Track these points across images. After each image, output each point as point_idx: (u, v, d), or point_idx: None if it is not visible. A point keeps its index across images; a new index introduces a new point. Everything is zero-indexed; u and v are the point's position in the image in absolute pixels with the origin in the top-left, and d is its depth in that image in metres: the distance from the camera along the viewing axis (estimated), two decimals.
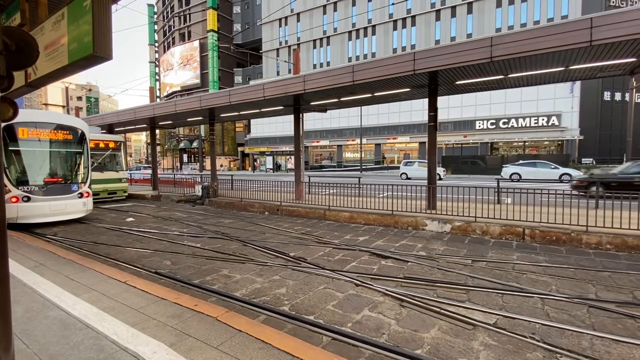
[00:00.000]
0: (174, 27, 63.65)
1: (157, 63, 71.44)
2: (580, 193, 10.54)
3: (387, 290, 4.41)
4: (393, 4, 40.39)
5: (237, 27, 59.44)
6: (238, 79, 58.85)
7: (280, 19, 50.34)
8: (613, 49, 6.88)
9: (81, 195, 9.83)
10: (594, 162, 30.43)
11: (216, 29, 55.21)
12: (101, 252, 6.58)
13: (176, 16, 62.96)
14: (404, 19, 41.80)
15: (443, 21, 39.65)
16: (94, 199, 13.64)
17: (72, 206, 9.62)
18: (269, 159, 47.60)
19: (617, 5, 33.45)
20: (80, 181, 9.95)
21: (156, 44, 72.63)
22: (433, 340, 3.25)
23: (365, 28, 44.28)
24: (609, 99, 35.54)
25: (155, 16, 71.06)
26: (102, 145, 14.90)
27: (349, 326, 3.54)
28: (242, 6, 59.34)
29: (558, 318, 3.68)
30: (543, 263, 5.64)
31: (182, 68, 59.59)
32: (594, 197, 8.41)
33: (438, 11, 39.77)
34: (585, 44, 6.47)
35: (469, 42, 7.78)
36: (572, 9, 33.22)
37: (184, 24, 61.79)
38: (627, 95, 33.25)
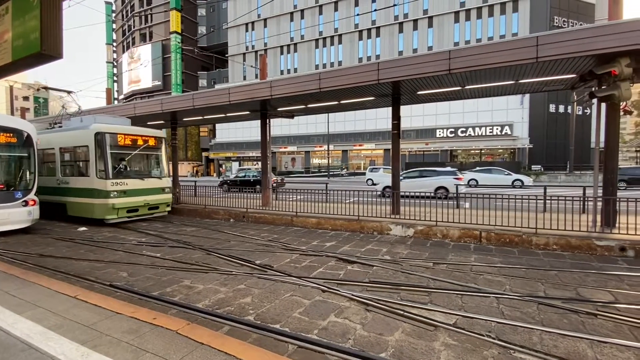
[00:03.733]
0: (134, 27, 60.94)
1: (115, 63, 67.99)
2: (220, 188, 16.54)
3: (353, 295, 4.46)
4: (358, 14, 41.53)
5: (202, 29, 58.08)
6: (203, 82, 57.41)
7: (247, 24, 49.93)
8: (556, 65, 7.52)
9: (26, 204, 9.04)
10: (542, 169, 32.91)
11: (180, 31, 53.57)
12: (48, 265, 6.07)
13: (136, 16, 60.40)
14: (369, 30, 43.06)
15: (406, 33, 41.33)
16: (130, 216, 10.77)
17: (15, 215, 8.80)
18: (235, 165, 46.68)
19: (560, 25, 36.69)
20: (25, 188, 9.15)
21: (114, 44, 69.15)
22: (397, 342, 3.32)
23: (332, 37, 45.07)
24: (554, 110, 38.71)
25: (114, 15, 67.73)
26: (140, 142, 11.07)
27: (315, 333, 3.52)
28: (207, 9, 58.18)
29: (511, 316, 3.90)
30: (498, 264, 5.98)
31: (142, 69, 57.06)
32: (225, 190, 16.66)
33: (401, 24, 41.42)
34: (532, 60, 7.03)
35: (429, 54, 8.17)
36: (522, 28, 35.98)
37: (145, 24, 59.42)
38: (569, 108, 36.43)
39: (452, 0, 38.57)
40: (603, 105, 7.54)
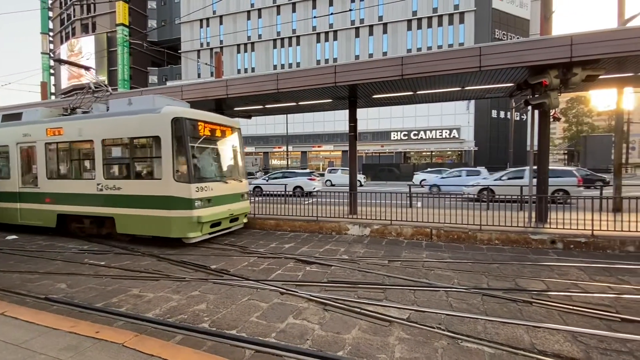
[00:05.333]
0: (74, 16, 56.04)
1: (52, 55, 62.03)
2: None
3: (311, 295, 4.48)
4: (315, 17, 41.90)
5: (152, 23, 54.97)
6: (153, 78, 54.42)
7: (201, 20, 48.17)
8: (497, 74, 8.17)
9: None
10: (486, 170, 35.50)
11: (127, 23, 50.25)
12: None
13: (77, 4, 55.62)
14: (326, 33, 43.61)
15: (362, 38, 42.46)
16: (212, 232, 8.00)
17: None
18: None
19: (500, 38, 39.88)
20: None
21: (51, 33, 63.07)
22: (354, 340, 3.39)
23: (290, 38, 44.99)
24: (496, 116, 41.98)
25: (50, 1, 61.81)
26: (218, 132, 8.32)
27: (273, 336, 3.48)
28: (158, 2, 55.21)
29: (459, 307, 4.16)
30: (447, 259, 6.34)
31: (84, 63, 52.65)
32: None
33: (357, 28, 42.46)
34: (476, 69, 7.57)
35: (384, 59, 8.46)
36: (467, 38, 38.60)
37: (87, 13, 54.89)
38: (509, 114, 39.71)
39: (405, 8, 40.32)
40: (536, 112, 8.32)
